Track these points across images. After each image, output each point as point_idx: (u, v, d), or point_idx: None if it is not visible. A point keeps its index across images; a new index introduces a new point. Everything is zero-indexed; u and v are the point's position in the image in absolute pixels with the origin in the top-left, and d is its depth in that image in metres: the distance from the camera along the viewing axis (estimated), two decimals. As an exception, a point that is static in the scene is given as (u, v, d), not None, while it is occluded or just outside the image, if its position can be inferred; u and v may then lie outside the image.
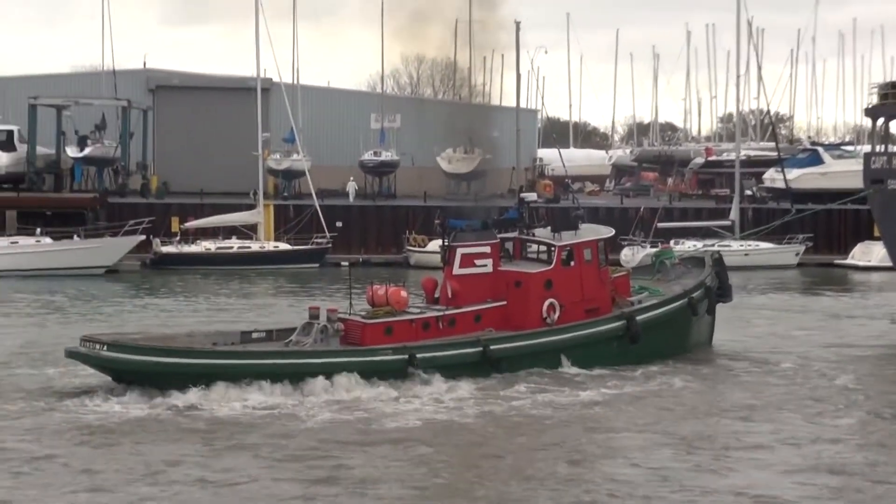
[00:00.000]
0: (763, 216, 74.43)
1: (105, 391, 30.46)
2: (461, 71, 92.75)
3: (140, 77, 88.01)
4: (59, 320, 46.14)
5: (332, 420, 28.22)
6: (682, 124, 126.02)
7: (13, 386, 31.80)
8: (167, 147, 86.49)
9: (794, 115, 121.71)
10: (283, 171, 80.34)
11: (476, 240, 34.56)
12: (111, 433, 27.11)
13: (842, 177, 76.18)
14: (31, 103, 75.62)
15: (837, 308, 52.88)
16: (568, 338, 34.15)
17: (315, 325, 32.22)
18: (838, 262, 72.61)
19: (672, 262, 41.46)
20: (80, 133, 78.10)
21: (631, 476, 23.98)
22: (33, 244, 63.44)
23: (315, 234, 70.51)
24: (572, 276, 35.04)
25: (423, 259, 68.89)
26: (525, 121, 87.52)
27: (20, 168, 74.52)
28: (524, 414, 29.29)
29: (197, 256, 67.82)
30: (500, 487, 23.24)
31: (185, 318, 46.64)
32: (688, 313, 37.53)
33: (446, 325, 33.25)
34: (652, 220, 70.76)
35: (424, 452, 25.66)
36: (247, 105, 75.29)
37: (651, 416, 29.29)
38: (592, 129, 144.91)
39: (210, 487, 23.14)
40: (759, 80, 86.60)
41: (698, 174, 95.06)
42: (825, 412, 30.03)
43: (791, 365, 36.53)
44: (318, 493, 22.78)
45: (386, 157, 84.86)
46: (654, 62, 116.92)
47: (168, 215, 71.73)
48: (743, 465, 24.94)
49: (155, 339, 32.55)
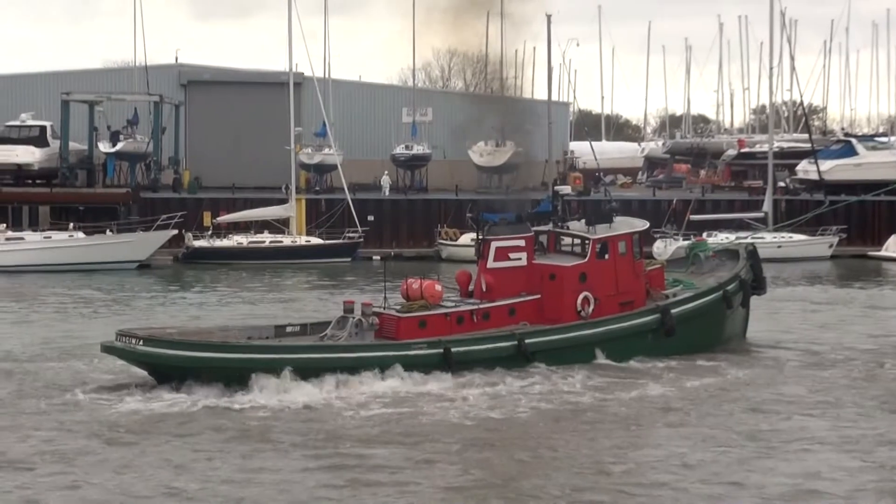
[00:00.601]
0: (796, 208, 73.99)
1: (148, 387, 30.48)
2: (493, 64, 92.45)
3: (172, 72, 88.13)
4: (91, 315, 46.24)
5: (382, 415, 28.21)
6: (714, 116, 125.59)
7: (46, 381, 31.84)
8: (199, 142, 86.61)
9: (828, 106, 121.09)
10: (315, 165, 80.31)
11: (510, 233, 34.45)
12: (183, 423, 27.28)
13: (875, 168, 75.87)
14: (64, 99, 75.85)
15: (874, 299, 52.62)
16: (603, 331, 34.01)
17: (350, 319, 32.13)
18: (872, 254, 72.24)
19: (706, 254, 41.21)
20: (113, 128, 78.21)
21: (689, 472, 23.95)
22: (66, 239, 63.72)
23: (347, 228, 70.49)
24: (607, 269, 34.91)
25: (454, 252, 68.87)
26: (557, 114, 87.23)
27: (53, 164, 74.76)
28: (568, 408, 29.20)
29: (229, 251, 67.96)
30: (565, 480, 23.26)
31: (217, 313, 46.80)
32: (722, 306, 37.31)
33: (480, 318, 33.15)
34: (684, 213, 70.45)
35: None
36: (278, 99, 75.27)
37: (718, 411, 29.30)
38: (625, 121, 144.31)
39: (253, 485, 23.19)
40: (792, 72, 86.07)
41: (731, 166, 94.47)
42: (869, 406, 29.88)
43: (836, 357, 36.42)
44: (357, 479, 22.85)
45: (417, 150, 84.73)
46: (687, 54, 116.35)
47: (200, 210, 71.88)
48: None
49: (191, 333, 32.48)
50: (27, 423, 27.45)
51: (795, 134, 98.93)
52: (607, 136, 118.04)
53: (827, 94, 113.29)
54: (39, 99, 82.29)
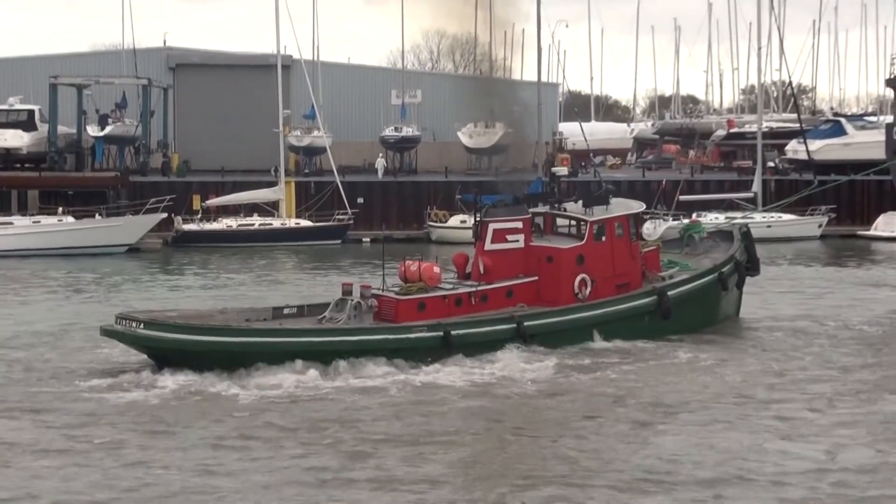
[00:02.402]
0: (785, 188, 73.98)
1: (148, 371, 30.31)
2: (482, 46, 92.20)
3: (160, 55, 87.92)
4: (83, 300, 46.00)
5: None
6: (703, 96, 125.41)
7: (43, 366, 31.65)
8: (188, 125, 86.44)
9: (817, 86, 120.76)
10: (304, 147, 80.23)
11: (507, 215, 34.38)
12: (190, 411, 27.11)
13: (865, 147, 75.68)
14: (52, 83, 75.67)
15: (864, 277, 52.69)
16: (601, 313, 33.97)
17: (349, 302, 31.97)
18: (861, 234, 72.18)
19: (701, 235, 41.17)
20: (101, 112, 78.03)
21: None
22: (55, 223, 63.36)
23: (336, 211, 70.33)
24: (604, 251, 34.86)
25: (444, 234, 68.80)
26: (546, 95, 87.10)
27: (41, 148, 74.61)
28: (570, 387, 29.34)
29: (218, 234, 67.74)
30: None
31: (209, 295, 46.55)
32: (718, 288, 37.37)
33: (478, 300, 33.07)
34: (674, 194, 70.44)
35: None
36: (267, 82, 75.03)
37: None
38: (614, 102, 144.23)
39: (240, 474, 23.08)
40: (781, 51, 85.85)
41: (720, 146, 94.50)
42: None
43: (831, 332, 36.87)
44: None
45: (407, 132, 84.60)
46: (676, 34, 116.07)
47: (189, 193, 71.47)
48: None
49: (191, 316, 32.27)
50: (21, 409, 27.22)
51: (785, 114, 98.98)
52: (596, 117, 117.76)
53: (816, 73, 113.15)
54: (27, 83, 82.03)
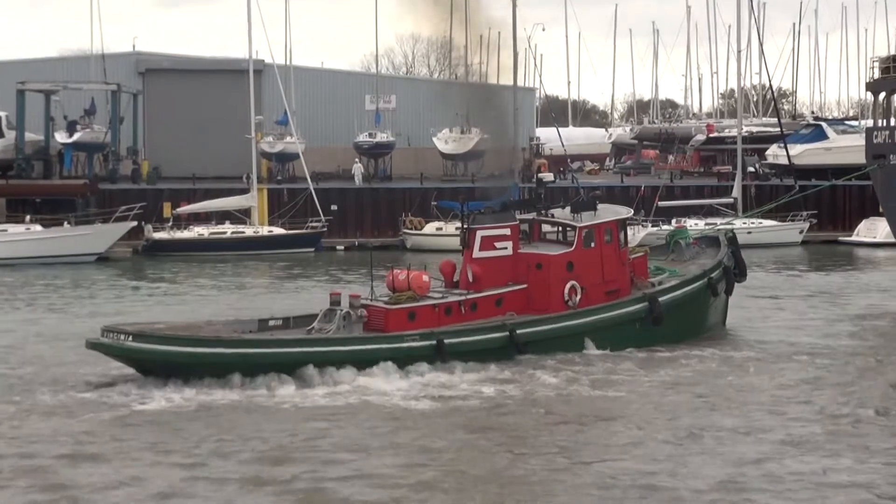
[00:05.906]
0: (766, 193, 73.31)
1: (137, 384, 29.36)
2: (457, 49, 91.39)
3: (129, 60, 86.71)
4: (56, 309, 44.92)
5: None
6: (682, 101, 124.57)
7: (24, 380, 30.57)
8: (158, 131, 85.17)
9: (797, 90, 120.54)
10: (277, 153, 79.18)
11: (495, 222, 33.85)
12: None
13: (846, 152, 75.24)
14: (19, 89, 74.50)
15: (846, 284, 52.31)
16: (593, 320, 33.47)
17: (338, 312, 31.24)
18: (843, 239, 71.73)
19: (687, 241, 40.65)
20: (70, 118, 76.79)
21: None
22: (23, 232, 62.38)
23: (310, 218, 69.32)
24: (593, 257, 34.43)
25: (419, 242, 68.12)
26: (523, 99, 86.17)
27: (9, 155, 73.50)
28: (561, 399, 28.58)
29: (190, 242, 66.79)
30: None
31: (184, 306, 45.67)
32: (707, 294, 36.90)
33: (468, 309, 32.55)
34: (653, 199, 69.82)
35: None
36: (239, 87, 74.05)
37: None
38: (592, 107, 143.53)
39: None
40: (761, 55, 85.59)
41: (700, 151, 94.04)
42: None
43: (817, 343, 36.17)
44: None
45: (381, 138, 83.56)
46: (654, 38, 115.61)
47: (160, 201, 70.60)
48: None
49: (180, 328, 31.40)
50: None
51: (765, 118, 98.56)
52: (574, 122, 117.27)
53: (796, 77, 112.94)
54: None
